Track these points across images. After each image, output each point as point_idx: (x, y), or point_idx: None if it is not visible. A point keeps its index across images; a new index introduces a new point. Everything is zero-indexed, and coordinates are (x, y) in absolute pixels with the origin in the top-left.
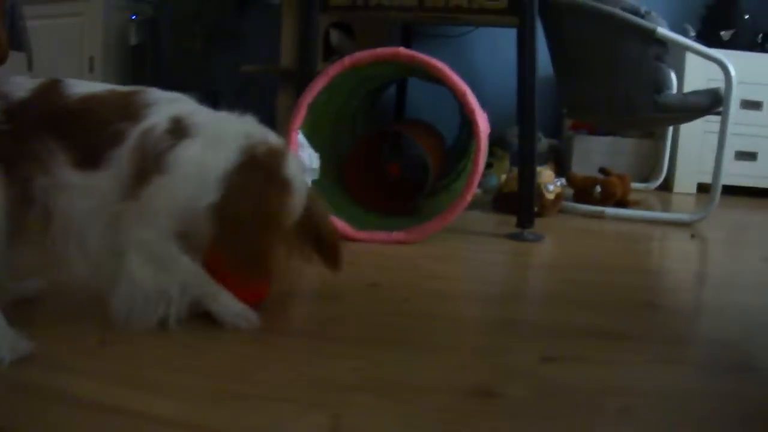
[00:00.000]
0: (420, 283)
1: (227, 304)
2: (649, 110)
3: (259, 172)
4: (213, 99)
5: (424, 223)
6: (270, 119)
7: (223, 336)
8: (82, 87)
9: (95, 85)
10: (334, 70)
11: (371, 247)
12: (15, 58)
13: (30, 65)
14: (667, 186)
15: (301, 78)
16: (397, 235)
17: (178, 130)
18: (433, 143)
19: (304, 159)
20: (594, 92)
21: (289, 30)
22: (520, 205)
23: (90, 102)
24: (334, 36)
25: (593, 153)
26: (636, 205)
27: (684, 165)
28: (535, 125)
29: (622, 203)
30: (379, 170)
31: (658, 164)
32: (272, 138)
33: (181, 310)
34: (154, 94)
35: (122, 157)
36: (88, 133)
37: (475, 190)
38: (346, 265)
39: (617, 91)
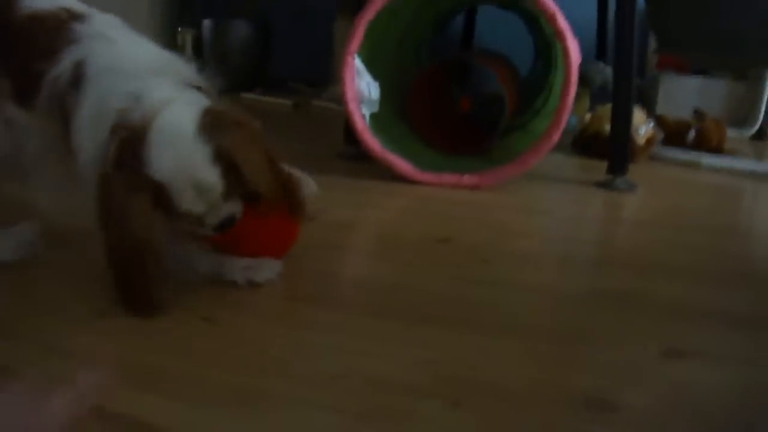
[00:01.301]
0: (499, 240)
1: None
2: (762, 49)
3: None
4: (265, 28)
5: (501, 166)
6: (328, 50)
7: (245, 308)
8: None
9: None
10: None
11: (437, 192)
12: None
13: None
14: (761, 134)
15: None
16: (469, 178)
17: (76, 79)
18: (507, 76)
19: (362, 88)
20: (695, 24)
21: None
22: (611, 149)
23: (33, 23)
24: None
25: (681, 95)
26: (733, 154)
27: None
28: (634, 58)
29: (717, 152)
30: (446, 105)
31: (753, 110)
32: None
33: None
34: (83, 25)
35: (43, 105)
36: (23, 62)
37: (562, 129)
38: (410, 215)
39: (724, 23)
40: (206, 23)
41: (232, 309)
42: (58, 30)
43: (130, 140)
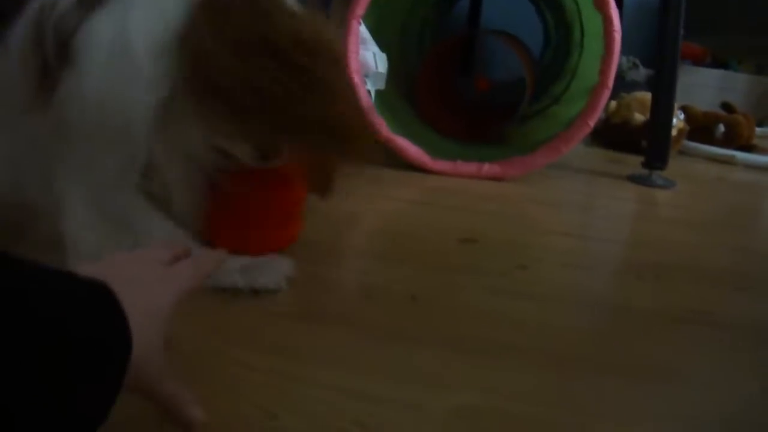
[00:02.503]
0: (533, 241)
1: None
2: None
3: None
4: None
5: (528, 154)
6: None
7: (219, 329)
8: None
9: None
10: None
11: (455, 184)
12: None
13: None
14: None
15: None
16: (490, 168)
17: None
18: (526, 56)
19: (368, 59)
20: (725, 7)
21: None
22: (651, 141)
23: None
24: None
25: (700, 87)
26: (764, 151)
27: None
28: (679, 42)
29: (747, 148)
30: (460, 86)
31: None
32: None
33: None
34: None
35: (15, 42)
36: None
37: (600, 112)
38: (425, 208)
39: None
40: None
41: (202, 329)
42: None
43: None
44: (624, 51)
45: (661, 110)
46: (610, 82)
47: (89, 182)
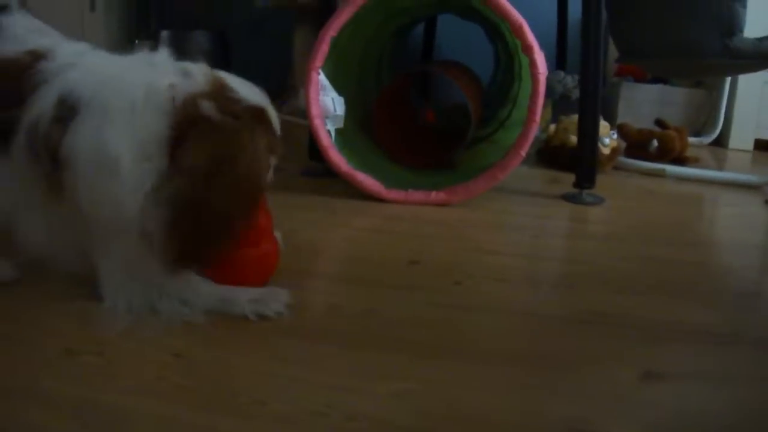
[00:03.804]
0: (470, 259)
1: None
2: (717, 55)
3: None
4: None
5: (470, 181)
6: (287, 61)
7: (217, 342)
8: (10, 41)
9: (30, 34)
10: None
11: (406, 211)
12: None
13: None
14: (721, 141)
15: (323, 7)
16: (437, 195)
17: (66, 112)
18: (472, 87)
19: (327, 104)
20: (654, 33)
21: None
22: (579, 162)
23: None
24: None
25: (641, 103)
26: (695, 162)
27: (741, 118)
28: (601, 67)
29: (679, 160)
30: (409, 118)
31: (712, 117)
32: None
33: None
34: (53, 61)
35: (18, 155)
36: None
37: (530, 142)
38: (379, 235)
39: (682, 31)
40: (164, 35)
41: (204, 343)
42: (20, 77)
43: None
44: (570, 69)
45: (586, 135)
46: (538, 117)
47: (117, 253)
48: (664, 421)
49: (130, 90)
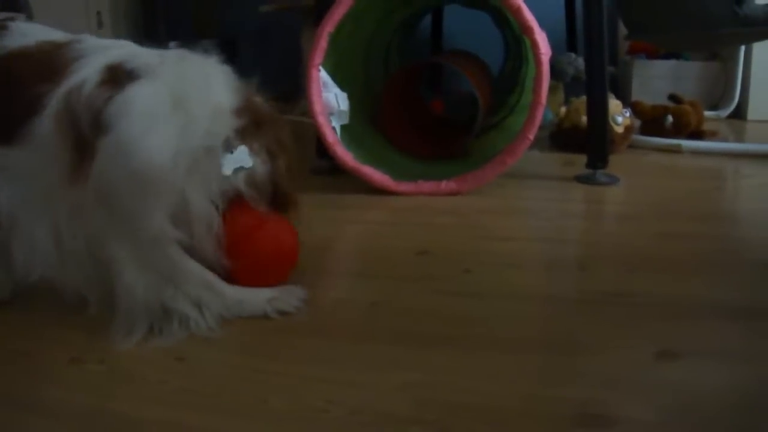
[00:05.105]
0: (481, 247)
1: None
2: (727, 24)
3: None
4: (231, 47)
5: (479, 168)
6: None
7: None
8: (21, 37)
9: (41, 32)
10: None
11: (417, 202)
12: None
13: None
14: (739, 113)
15: (320, 5)
16: (447, 185)
17: (118, 76)
18: (479, 75)
19: (330, 100)
20: (663, 6)
21: None
22: (590, 142)
23: (13, 60)
24: None
25: (655, 79)
26: (712, 136)
27: (758, 89)
28: (605, 47)
29: (696, 134)
30: (420, 109)
31: (729, 89)
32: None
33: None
34: (87, 42)
35: (44, 129)
36: (3, 101)
37: (538, 126)
38: (389, 227)
39: (690, 2)
40: (172, 45)
41: (205, 345)
42: (51, 56)
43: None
44: (582, 51)
45: (596, 113)
46: (543, 100)
47: (134, 242)
48: (681, 400)
49: (204, 65)
